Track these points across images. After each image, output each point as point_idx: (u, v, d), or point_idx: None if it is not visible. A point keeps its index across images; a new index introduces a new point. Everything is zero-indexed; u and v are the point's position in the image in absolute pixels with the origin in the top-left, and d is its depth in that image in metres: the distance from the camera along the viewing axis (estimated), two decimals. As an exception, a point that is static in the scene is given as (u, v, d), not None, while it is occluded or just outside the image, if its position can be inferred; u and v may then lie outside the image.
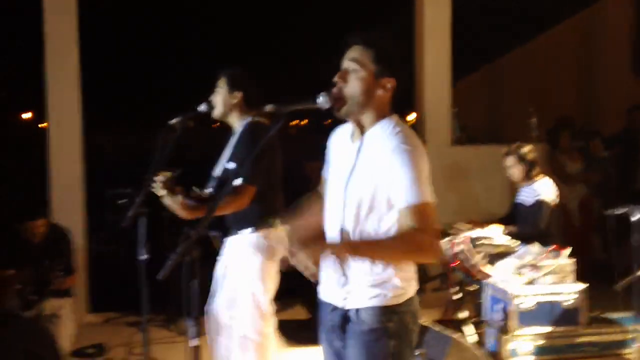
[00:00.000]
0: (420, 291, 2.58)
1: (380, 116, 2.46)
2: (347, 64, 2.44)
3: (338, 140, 2.63)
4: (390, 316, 2.41)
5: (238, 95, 3.97)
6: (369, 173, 2.40)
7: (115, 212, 7.21)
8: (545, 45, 9.99)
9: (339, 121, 2.56)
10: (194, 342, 2.29)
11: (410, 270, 2.48)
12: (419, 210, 2.31)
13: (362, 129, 2.50)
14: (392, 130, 2.41)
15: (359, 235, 2.43)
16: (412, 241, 2.31)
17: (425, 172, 2.35)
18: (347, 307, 2.49)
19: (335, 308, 2.52)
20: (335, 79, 2.44)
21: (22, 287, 4.83)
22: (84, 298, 6.30)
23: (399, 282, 2.42)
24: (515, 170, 5.66)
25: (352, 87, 2.41)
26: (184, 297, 2.33)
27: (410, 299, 2.47)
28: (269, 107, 2.36)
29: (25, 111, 22.41)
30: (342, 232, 2.47)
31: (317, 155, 2.93)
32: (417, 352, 3.41)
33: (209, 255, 3.90)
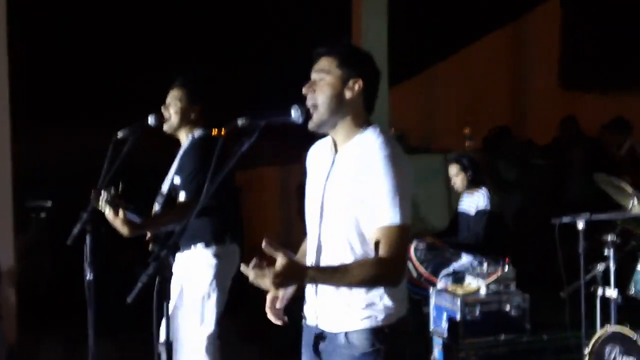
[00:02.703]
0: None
1: (358, 124, 2.42)
2: (314, 75, 2.43)
3: (316, 155, 2.58)
4: (383, 338, 2.35)
5: (196, 108, 3.86)
6: (346, 187, 2.35)
7: (35, 226, 6.92)
8: (477, 55, 10.18)
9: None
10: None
11: (400, 291, 2.43)
12: (391, 234, 2.27)
13: (339, 140, 2.45)
14: (374, 141, 2.37)
15: (331, 256, 2.39)
16: (373, 271, 2.28)
17: (406, 190, 2.31)
18: (322, 327, 2.43)
19: (322, 332, 2.44)
20: (304, 90, 2.41)
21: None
22: (14, 317, 6.02)
23: (389, 301, 2.37)
24: (457, 178, 5.73)
25: (321, 94, 2.38)
26: (154, 319, 2.24)
27: (402, 319, 2.42)
28: (241, 121, 2.30)
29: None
30: (319, 247, 2.43)
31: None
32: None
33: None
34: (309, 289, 2.48)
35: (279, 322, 2.52)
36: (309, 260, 2.49)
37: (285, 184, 8.37)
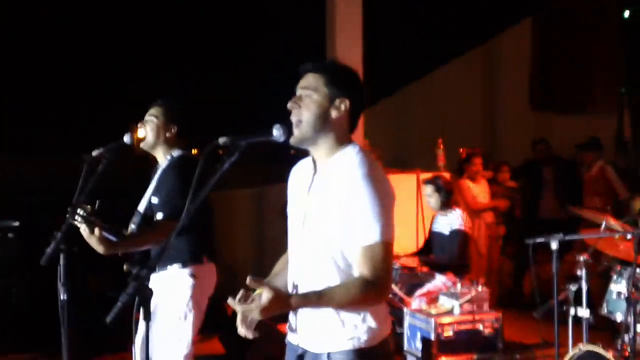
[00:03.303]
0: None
1: (340, 142, 2.41)
2: (300, 90, 2.42)
3: (297, 175, 2.57)
4: (365, 359, 2.34)
5: (173, 128, 3.85)
6: (327, 206, 2.34)
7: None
8: (449, 76, 10.29)
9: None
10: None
11: (383, 310, 2.42)
12: (374, 252, 2.26)
13: (319, 157, 2.44)
14: (353, 158, 2.36)
15: (316, 274, 2.38)
16: (358, 292, 2.27)
17: (387, 207, 2.30)
18: (305, 347, 2.42)
19: (305, 352, 2.43)
20: (289, 105, 2.40)
21: None
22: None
23: (373, 323, 2.36)
24: (432, 199, 5.78)
25: (306, 111, 2.37)
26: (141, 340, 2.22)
27: (384, 341, 2.41)
28: (222, 140, 2.30)
29: None
30: (302, 267, 2.43)
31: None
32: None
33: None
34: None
35: (249, 336, 2.48)
36: (291, 280, 2.49)
37: (258, 206, 8.37)
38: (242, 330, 2.45)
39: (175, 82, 7.51)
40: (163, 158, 3.87)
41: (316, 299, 2.27)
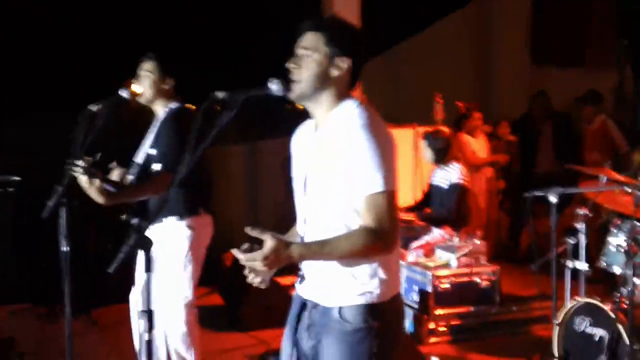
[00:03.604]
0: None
1: (339, 99, 2.39)
2: (300, 50, 2.39)
3: (300, 137, 2.56)
4: (376, 315, 2.32)
5: (170, 81, 3.84)
6: (329, 161, 2.32)
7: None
8: (444, 32, 10.19)
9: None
10: (146, 337, 2.18)
11: (395, 266, 2.41)
12: (378, 201, 2.24)
13: (320, 115, 2.42)
14: (352, 111, 2.33)
15: (322, 228, 2.36)
16: (362, 241, 2.25)
17: (388, 156, 2.27)
18: (315, 301, 2.41)
19: (315, 305, 2.41)
20: (289, 65, 2.38)
21: None
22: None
23: (384, 276, 2.34)
24: (430, 153, 5.77)
25: (306, 70, 2.36)
26: (142, 289, 2.24)
27: (396, 297, 2.40)
28: (220, 94, 2.27)
29: None
30: (309, 226, 2.42)
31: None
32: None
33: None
34: (303, 263, 2.45)
35: (262, 286, 2.48)
36: (299, 239, 2.48)
37: (253, 161, 8.37)
38: (254, 280, 2.46)
39: (168, 35, 7.43)
40: (161, 111, 3.88)
41: (319, 248, 2.27)
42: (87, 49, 7.72)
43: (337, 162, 2.29)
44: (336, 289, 2.35)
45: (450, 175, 5.67)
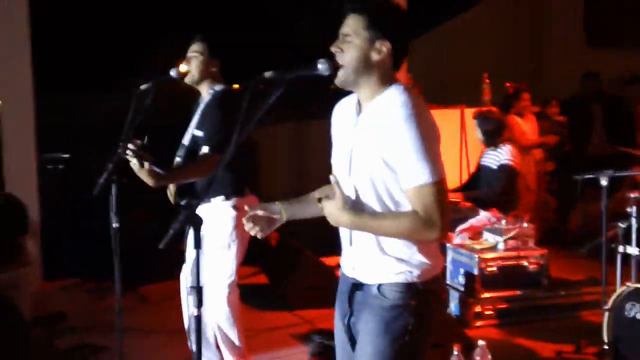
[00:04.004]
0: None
1: (383, 83, 2.37)
2: (341, 34, 2.38)
3: (341, 114, 2.54)
4: (415, 294, 2.34)
5: (217, 62, 3.86)
6: (372, 149, 2.32)
7: (48, 177, 7.00)
8: (492, 11, 10.04)
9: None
10: (195, 312, 2.22)
11: (434, 248, 2.41)
12: (426, 192, 2.24)
13: (363, 98, 2.42)
14: (397, 99, 2.32)
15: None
16: (409, 227, 2.27)
17: (433, 146, 2.27)
18: (358, 278, 2.43)
19: (358, 283, 2.44)
20: (332, 49, 2.37)
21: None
22: (38, 265, 6.12)
23: (424, 258, 2.35)
24: (480, 134, 5.72)
25: (347, 54, 2.35)
26: (192, 266, 2.27)
27: (436, 277, 2.41)
28: (267, 74, 2.28)
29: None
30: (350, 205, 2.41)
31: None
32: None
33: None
34: (345, 239, 2.48)
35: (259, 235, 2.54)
36: None
37: (299, 141, 8.38)
38: (252, 229, 2.55)
39: (215, 18, 7.47)
40: (206, 92, 3.91)
41: (368, 219, 2.31)
42: (139, 28, 7.81)
43: (381, 150, 2.29)
44: (376, 267, 2.38)
45: (499, 156, 5.62)
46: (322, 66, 2.31)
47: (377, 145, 2.30)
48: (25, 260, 5.34)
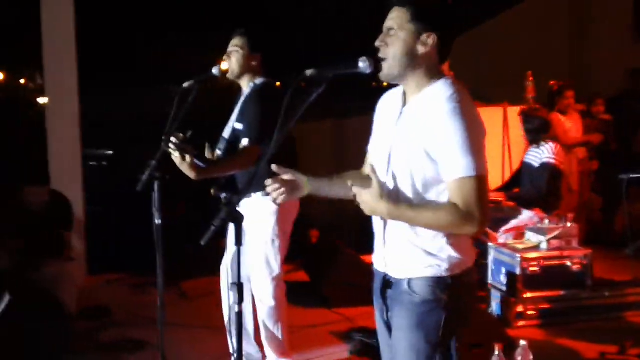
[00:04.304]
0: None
1: (430, 76, 2.36)
2: (386, 28, 2.38)
3: (386, 105, 2.53)
4: (445, 288, 2.33)
5: (257, 57, 3.89)
6: (414, 140, 2.31)
7: (92, 173, 7.12)
8: (536, 7, 9.91)
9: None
10: (235, 309, 2.24)
11: (465, 241, 2.39)
12: (467, 185, 2.22)
13: (409, 91, 2.40)
14: (444, 92, 2.31)
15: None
16: (448, 219, 2.25)
17: (477, 141, 2.24)
18: (389, 273, 2.43)
19: (389, 277, 2.44)
20: (377, 43, 2.36)
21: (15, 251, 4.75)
22: (83, 260, 6.24)
23: (453, 252, 2.34)
24: (525, 131, 5.68)
25: (392, 48, 2.34)
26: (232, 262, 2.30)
27: (467, 271, 2.39)
28: (308, 72, 2.28)
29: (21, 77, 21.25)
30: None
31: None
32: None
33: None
34: (378, 235, 2.48)
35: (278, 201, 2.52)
36: None
37: (339, 137, 8.38)
38: (276, 195, 2.52)
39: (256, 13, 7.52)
40: (247, 86, 3.95)
41: (406, 210, 2.29)
42: (179, 27, 7.92)
43: (425, 141, 2.27)
44: (405, 262, 2.38)
45: (542, 154, 5.57)
46: (363, 64, 2.30)
47: (421, 137, 2.29)
48: (70, 255, 5.47)
